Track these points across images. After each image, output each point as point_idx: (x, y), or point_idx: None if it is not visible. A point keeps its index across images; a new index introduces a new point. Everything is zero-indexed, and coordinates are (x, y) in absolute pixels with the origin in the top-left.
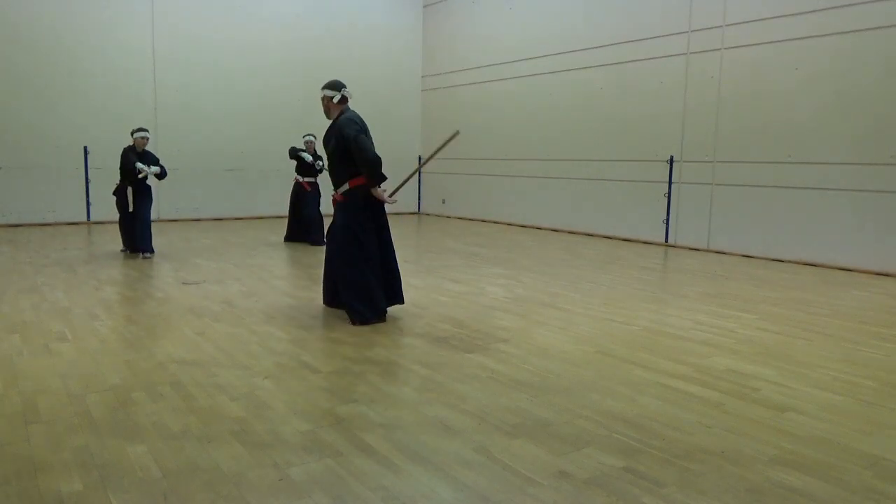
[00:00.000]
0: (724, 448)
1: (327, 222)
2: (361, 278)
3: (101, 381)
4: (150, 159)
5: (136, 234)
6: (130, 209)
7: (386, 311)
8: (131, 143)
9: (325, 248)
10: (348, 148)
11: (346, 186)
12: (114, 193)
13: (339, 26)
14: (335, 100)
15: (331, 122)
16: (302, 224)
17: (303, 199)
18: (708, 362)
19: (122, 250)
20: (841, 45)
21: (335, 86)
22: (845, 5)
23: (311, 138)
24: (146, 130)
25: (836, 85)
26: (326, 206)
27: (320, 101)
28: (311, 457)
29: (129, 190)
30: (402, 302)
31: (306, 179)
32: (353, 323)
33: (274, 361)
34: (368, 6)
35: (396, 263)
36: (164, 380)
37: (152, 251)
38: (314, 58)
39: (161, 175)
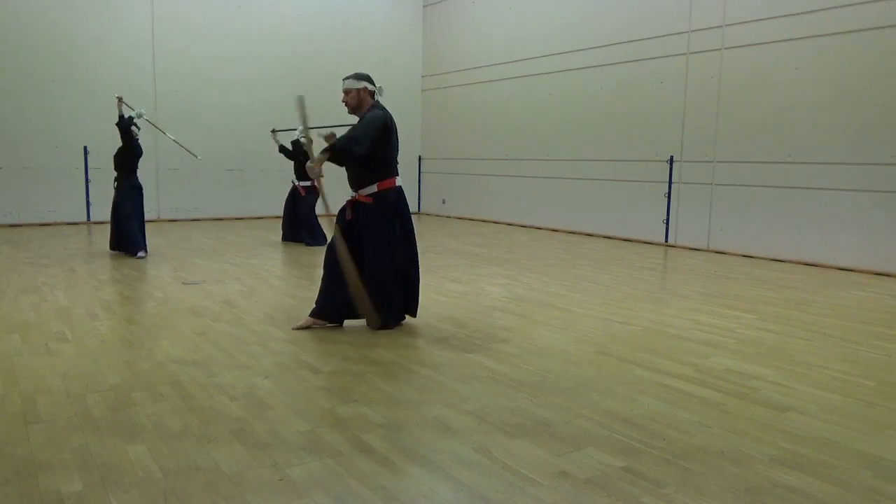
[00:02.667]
0: (724, 448)
1: (325, 223)
2: (391, 283)
3: (101, 381)
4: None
5: (124, 231)
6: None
7: (403, 318)
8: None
9: (326, 249)
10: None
11: (373, 188)
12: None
13: (338, 26)
14: (376, 95)
15: (359, 117)
16: (295, 224)
17: (299, 201)
18: (708, 362)
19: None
20: (841, 45)
21: (372, 79)
22: (845, 5)
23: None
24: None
25: (836, 85)
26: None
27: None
28: (311, 457)
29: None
30: (413, 315)
31: (302, 184)
32: (373, 326)
33: (274, 361)
34: (368, 6)
35: (418, 275)
36: (164, 380)
37: (145, 250)
38: (314, 57)
39: (126, 119)
